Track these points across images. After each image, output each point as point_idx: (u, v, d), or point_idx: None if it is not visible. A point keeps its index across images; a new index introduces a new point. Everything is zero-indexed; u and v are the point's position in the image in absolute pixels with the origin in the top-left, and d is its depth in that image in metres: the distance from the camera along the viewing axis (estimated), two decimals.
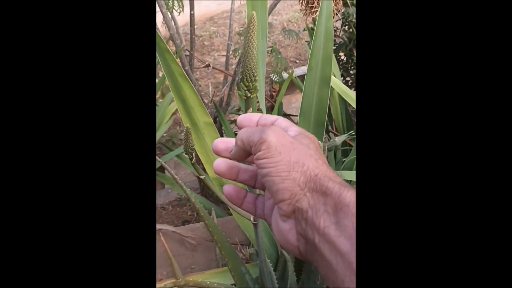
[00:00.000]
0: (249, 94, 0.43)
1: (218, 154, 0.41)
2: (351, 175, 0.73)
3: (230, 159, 0.40)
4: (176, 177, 0.78)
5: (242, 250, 1.15)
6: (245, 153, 0.37)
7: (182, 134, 1.85)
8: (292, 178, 0.32)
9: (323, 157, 0.36)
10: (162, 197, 1.72)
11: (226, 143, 0.40)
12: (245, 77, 0.42)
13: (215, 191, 0.63)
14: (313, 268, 0.84)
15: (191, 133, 0.51)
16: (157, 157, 0.77)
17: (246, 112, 0.47)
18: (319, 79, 0.66)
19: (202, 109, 0.63)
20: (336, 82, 1.14)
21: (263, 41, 0.64)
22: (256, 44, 0.40)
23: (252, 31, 0.38)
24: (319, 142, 0.44)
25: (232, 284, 1.02)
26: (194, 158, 0.56)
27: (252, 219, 0.66)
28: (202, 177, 0.59)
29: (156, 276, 1.08)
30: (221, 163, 0.40)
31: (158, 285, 1.05)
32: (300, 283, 0.88)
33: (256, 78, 0.42)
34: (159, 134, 1.52)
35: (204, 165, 0.69)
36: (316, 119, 0.67)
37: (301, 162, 0.33)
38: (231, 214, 1.43)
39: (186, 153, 0.54)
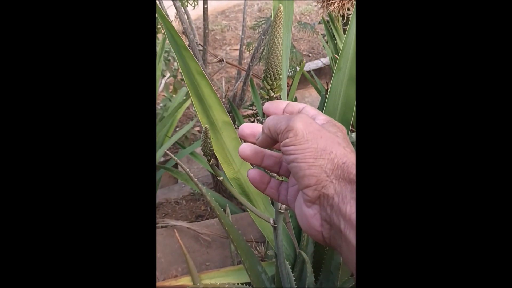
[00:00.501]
0: (272, 94, 0.41)
1: (244, 138, 0.41)
2: None
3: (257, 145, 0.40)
4: (191, 175, 0.76)
5: (257, 248, 1.14)
6: (272, 141, 0.37)
7: (195, 129, 1.83)
8: (319, 165, 0.32)
9: (351, 145, 0.36)
10: (175, 192, 1.72)
11: (252, 128, 0.40)
12: (269, 75, 0.40)
13: (233, 192, 0.62)
14: (332, 268, 0.82)
15: (210, 133, 0.50)
16: (171, 154, 0.76)
17: (263, 113, 0.45)
18: (347, 78, 0.64)
19: (221, 107, 0.61)
20: None
21: (288, 36, 0.62)
22: (282, 40, 0.38)
23: (279, 26, 0.36)
24: None
25: (247, 284, 1.00)
26: (212, 159, 0.54)
27: (271, 221, 0.64)
28: (221, 178, 0.58)
29: (171, 272, 1.08)
30: (246, 148, 0.40)
31: (173, 282, 1.05)
32: (319, 284, 0.87)
33: (281, 76, 0.39)
34: (171, 128, 1.51)
35: (222, 165, 0.68)
36: (342, 118, 0.65)
37: (329, 149, 0.33)
38: (245, 210, 1.42)
39: (204, 155, 0.52)
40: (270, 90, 0.41)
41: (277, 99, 0.43)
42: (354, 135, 1.33)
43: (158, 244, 1.15)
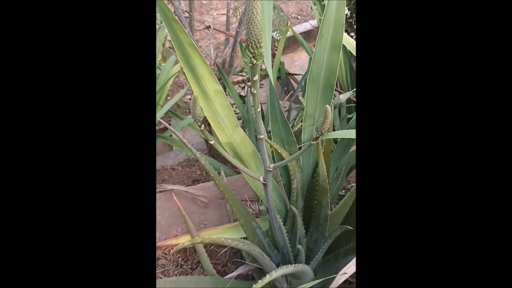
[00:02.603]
0: (254, 61, 0.45)
1: None
2: (351, 133, 0.76)
3: None
4: (185, 141, 0.81)
5: (252, 206, 1.21)
6: None
7: (187, 97, 1.84)
8: None
9: None
10: (171, 159, 1.77)
11: None
12: (250, 44, 0.43)
13: (225, 154, 0.67)
14: (321, 221, 0.89)
15: (200, 101, 0.53)
16: (167, 124, 0.80)
17: (252, 78, 0.49)
18: (330, 45, 0.67)
19: (212, 77, 0.64)
20: (346, 37, 1.13)
21: (269, 4, 0.64)
22: (261, 9, 0.41)
23: None
24: (327, 105, 0.46)
25: (244, 238, 1.08)
26: (203, 125, 0.58)
27: (261, 179, 0.70)
28: (212, 142, 0.62)
29: (171, 232, 1.15)
30: None
31: (174, 241, 1.13)
32: (309, 235, 0.94)
33: (262, 44, 0.43)
34: (162, 97, 1.53)
35: (215, 131, 0.72)
36: (325, 83, 0.69)
37: None
38: (239, 173, 1.48)
39: (195, 121, 0.57)
40: (252, 58, 0.45)
41: (260, 66, 0.47)
42: (342, 96, 1.37)
43: (157, 208, 1.22)
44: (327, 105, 0.46)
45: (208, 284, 0.91)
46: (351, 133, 0.76)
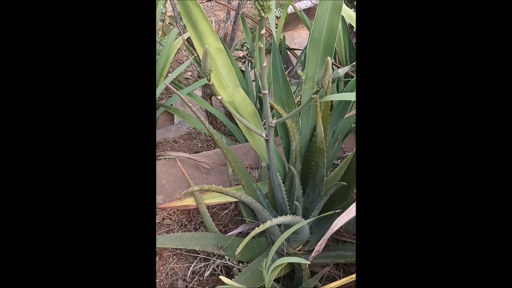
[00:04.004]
0: (263, 14, 0.49)
1: None
2: (352, 96, 0.81)
3: None
4: (190, 104, 0.86)
5: (252, 173, 1.27)
6: None
7: (187, 73, 1.86)
8: None
9: None
10: (173, 132, 1.82)
11: None
12: None
13: (230, 109, 0.71)
14: (317, 181, 0.95)
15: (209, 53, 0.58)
16: (174, 89, 0.84)
17: (259, 32, 0.53)
18: (331, 6, 0.70)
19: (213, 35, 0.69)
20: (345, 9, 1.17)
21: None
22: None
23: None
24: (328, 57, 0.50)
25: None
26: (212, 80, 0.63)
27: (264, 135, 0.75)
28: (219, 97, 0.67)
29: (175, 195, 1.21)
30: None
31: (178, 203, 1.19)
32: (306, 195, 1.00)
33: None
34: (165, 68, 1.56)
35: (217, 89, 0.77)
36: (325, 46, 0.73)
37: None
38: (239, 142, 1.54)
39: (204, 75, 0.61)
40: (261, 11, 0.49)
41: (267, 20, 0.51)
42: (340, 70, 1.42)
43: (162, 173, 1.27)
44: (328, 57, 0.51)
45: (211, 240, 0.98)
46: (350, 96, 0.81)
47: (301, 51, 1.75)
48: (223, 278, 0.63)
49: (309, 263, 0.70)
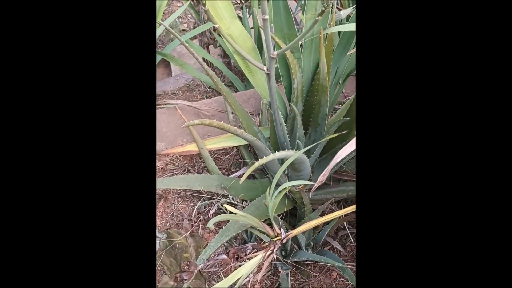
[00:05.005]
0: None
1: None
2: (352, 26, 0.79)
3: None
4: (191, 49, 0.83)
5: (253, 119, 1.27)
6: None
7: (183, 25, 1.80)
8: None
9: None
10: (171, 84, 1.79)
11: None
12: None
13: (230, 41, 0.69)
14: (319, 120, 0.94)
15: None
16: (174, 33, 0.81)
17: None
18: None
19: None
20: None
21: None
22: None
23: None
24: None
25: (246, 145, 1.15)
26: (207, 5, 0.60)
27: (265, 69, 0.73)
28: (217, 25, 0.65)
29: (177, 142, 1.21)
30: None
31: (180, 149, 1.19)
32: (307, 137, 1.00)
33: None
34: (159, 17, 1.51)
35: (215, 20, 0.74)
36: None
37: None
38: (237, 90, 1.52)
39: (200, 2, 0.58)
40: None
41: None
42: (342, 12, 1.37)
43: (162, 121, 1.27)
44: None
45: (214, 181, 0.99)
46: (351, 26, 0.79)
47: None
48: (228, 206, 0.65)
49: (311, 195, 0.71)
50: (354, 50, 0.95)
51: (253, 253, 0.66)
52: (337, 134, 0.72)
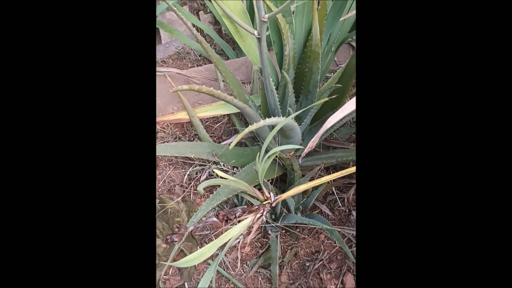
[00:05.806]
0: None
1: None
2: None
3: None
4: (183, 17, 0.81)
5: (244, 87, 1.26)
6: None
7: None
8: None
9: None
10: (161, 52, 1.75)
11: None
12: None
13: (222, 6, 0.68)
14: (310, 88, 0.94)
15: None
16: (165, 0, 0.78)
17: None
18: None
19: None
20: None
21: None
22: None
23: None
24: None
25: (237, 113, 1.14)
26: None
27: (256, 33, 0.72)
28: None
29: (168, 110, 1.20)
30: None
31: (171, 117, 1.18)
32: (298, 105, 1.00)
33: None
34: None
35: None
36: None
37: None
38: (228, 58, 1.50)
39: None
40: None
41: None
42: None
43: None
44: None
45: (205, 148, 1.00)
46: None
47: None
48: (218, 171, 0.65)
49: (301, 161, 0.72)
50: (348, 15, 0.93)
51: (243, 216, 0.67)
52: (327, 99, 0.72)
